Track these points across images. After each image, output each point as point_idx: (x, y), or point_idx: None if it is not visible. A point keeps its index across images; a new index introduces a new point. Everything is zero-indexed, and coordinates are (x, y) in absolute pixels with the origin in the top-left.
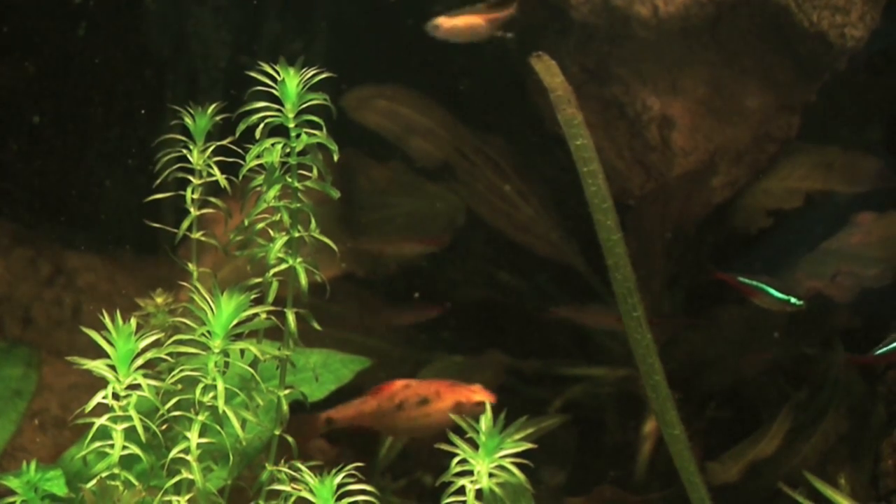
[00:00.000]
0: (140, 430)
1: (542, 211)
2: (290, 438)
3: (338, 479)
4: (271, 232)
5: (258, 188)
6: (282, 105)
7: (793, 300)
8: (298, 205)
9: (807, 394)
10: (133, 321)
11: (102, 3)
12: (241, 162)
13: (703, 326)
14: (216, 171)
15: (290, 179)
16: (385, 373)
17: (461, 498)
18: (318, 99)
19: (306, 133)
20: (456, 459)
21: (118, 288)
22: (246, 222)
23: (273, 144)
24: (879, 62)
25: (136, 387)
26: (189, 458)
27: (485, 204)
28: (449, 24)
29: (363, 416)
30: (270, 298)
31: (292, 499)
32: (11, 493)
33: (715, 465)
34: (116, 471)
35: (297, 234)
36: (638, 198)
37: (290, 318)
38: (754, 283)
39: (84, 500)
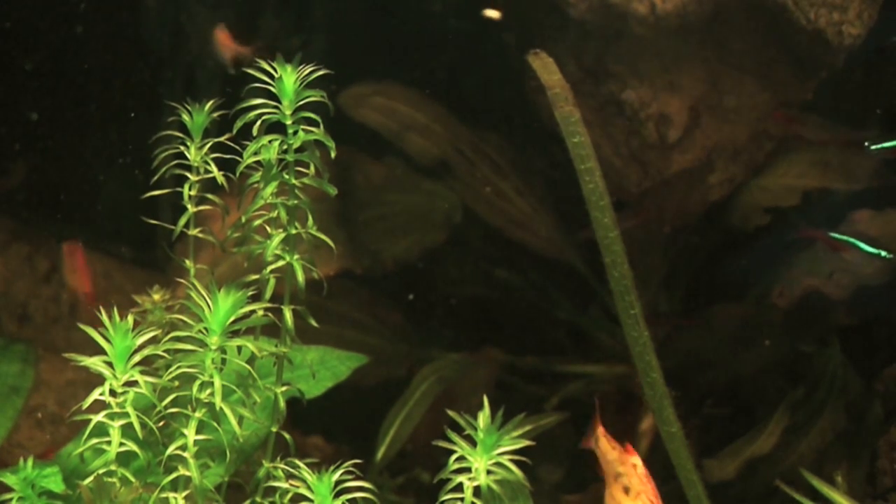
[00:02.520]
0: (137, 426)
1: (540, 208)
2: (286, 435)
3: (335, 476)
4: (268, 229)
5: (255, 185)
6: (279, 102)
7: (883, 254)
8: (296, 202)
9: (804, 391)
10: (130, 318)
11: None
12: (239, 159)
13: (700, 324)
14: (213, 167)
15: (287, 176)
16: (383, 370)
17: (459, 495)
18: (315, 96)
19: (303, 130)
20: (454, 456)
21: (115, 285)
22: (243, 219)
23: (270, 141)
24: (877, 60)
25: (133, 383)
26: (186, 454)
27: (482, 201)
28: (219, 35)
29: None
30: (267, 295)
31: (289, 495)
32: (9, 489)
33: (712, 462)
34: (113, 467)
35: (294, 231)
36: (635, 195)
37: (288, 314)
38: (845, 238)
39: (81, 496)
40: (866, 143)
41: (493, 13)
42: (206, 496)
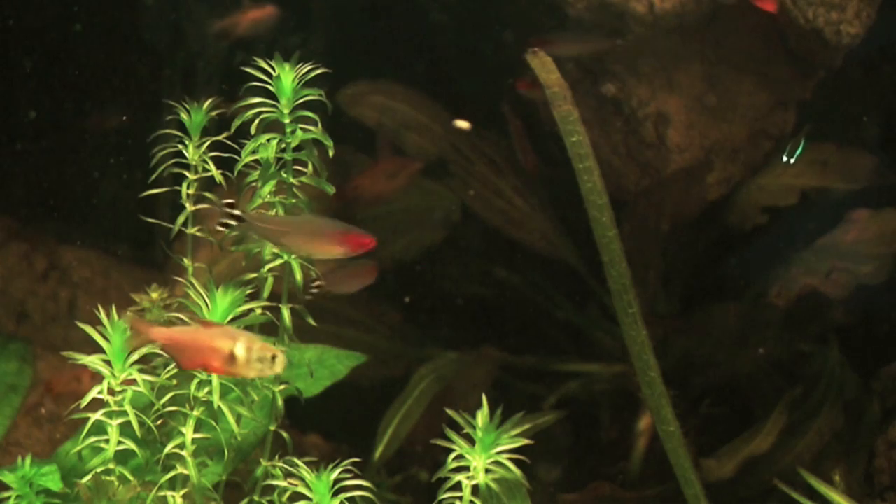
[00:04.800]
0: (135, 425)
1: (538, 207)
2: (285, 434)
3: (334, 475)
4: None
5: (254, 183)
6: (277, 101)
7: None
8: (294, 200)
9: (802, 391)
10: (128, 316)
11: None
12: (237, 157)
13: (698, 323)
14: (212, 166)
15: (285, 175)
16: (381, 369)
17: (457, 494)
18: (313, 95)
19: (301, 129)
20: (453, 455)
21: (113, 283)
22: None
23: (269, 140)
24: (875, 59)
25: (132, 382)
26: (184, 453)
27: (480, 200)
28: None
29: None
30: (266, 294)
31: (287, 494)
32: (6, 488)
33: (710, 461)
34: (111, 466)
35: None
36: (633, 194)
37: (285, 313)
38: None
39: (79, 495)
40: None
41: (463, 124)
42: (204, 495)
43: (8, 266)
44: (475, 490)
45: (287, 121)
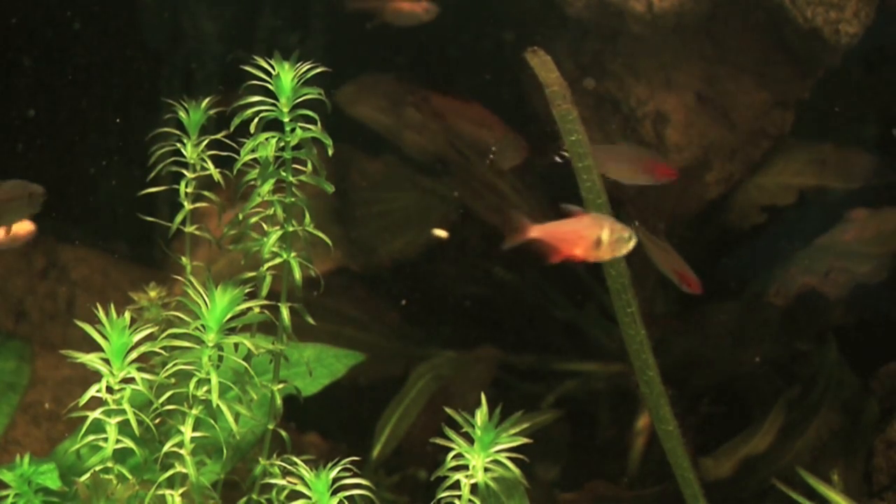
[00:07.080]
0: (134, 423)
1: (537, 206)
2: (283, 433)
3: (333, 474)
4: (265, 226)
5: (253, 182)
6: (276, 99)
7: None
8: (293, 199)
9: (800, 390)
10: (127, 315)
11: None
12: (236, 156)
13: (696, 323)
14: (210, 165)
15: (284, 174)
16: (379, 368)
17: (456, 493)
18: (312, 93)
19: (301, 127)
20: (451, 454)
21: (112, 282)
22: (240, 216)
23: (268, 139)
24: (874, 58)
25: (130, 380)
26: (183, 451)
27: (478, 199)
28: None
29: None
30: (264, 292)
31: (286, 492)
32: (5, 486)
33: (708, 460)
34: (110, 464)
35: (291, 229)
36: (632, 193)
37: (284, 312)
38: None
39: (77, 493)
40: None
41: (441, 233)
42: (202, 493)
43: (6, 264)
44: (474, 489)
45: (286, 119)
